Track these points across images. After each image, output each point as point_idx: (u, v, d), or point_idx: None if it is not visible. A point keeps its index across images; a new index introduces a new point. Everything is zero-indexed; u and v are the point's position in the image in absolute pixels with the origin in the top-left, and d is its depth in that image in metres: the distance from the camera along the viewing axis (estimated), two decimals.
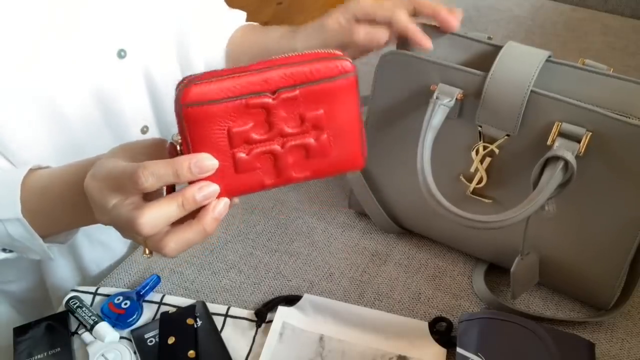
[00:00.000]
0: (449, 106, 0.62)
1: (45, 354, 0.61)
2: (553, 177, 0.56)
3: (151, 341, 0.62)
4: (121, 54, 0.69)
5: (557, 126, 0.58)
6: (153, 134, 0.76)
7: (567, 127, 0.58)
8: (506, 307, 0.65)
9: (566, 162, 0.56)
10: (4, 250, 0.61)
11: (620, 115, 0.57)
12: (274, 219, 0.78)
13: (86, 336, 0.62)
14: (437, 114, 0.62)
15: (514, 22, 0.68)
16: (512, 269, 0.64)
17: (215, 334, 0.63)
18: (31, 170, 0.58)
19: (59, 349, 0.61)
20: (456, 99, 0.62)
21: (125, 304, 0.65)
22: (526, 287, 0.66)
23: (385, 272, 0.71)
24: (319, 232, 0.76)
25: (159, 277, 0.69)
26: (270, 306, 0.66)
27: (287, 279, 0.70)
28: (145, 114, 0.74)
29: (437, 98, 0.62)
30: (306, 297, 0.66)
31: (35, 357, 0.61)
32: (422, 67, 0.64)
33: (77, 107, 0.67)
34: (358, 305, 0.66)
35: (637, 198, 0.58)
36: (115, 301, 0.65)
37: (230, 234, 0.76)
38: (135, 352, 0.61)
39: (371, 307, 0.67)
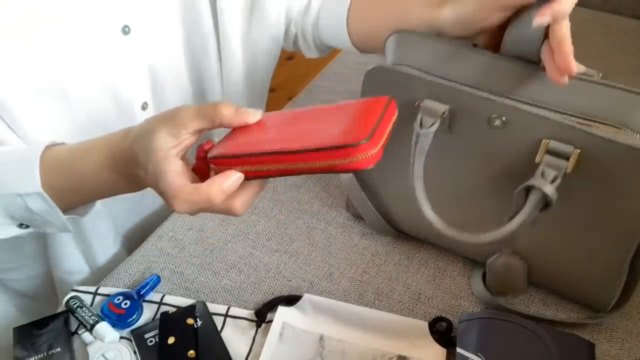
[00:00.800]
0: (433, 131, 0.60)
1: (45, 354, 0.61)
2: (531, 209, 0.56)
3: (151, 341, 0.62)
4: (125, 30, 0.69)
5: (545, 144, 0.57)
6: (151, 109, 0.76)
7: (555, 144, 0.57)
8: (505, 308, 0.65)
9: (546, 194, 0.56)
10: (21, 225, 0.61)
11: (613, 125, 0.56)
12: (274, 219, 0.78)
13: (86, 336, 0.62)
14: (423, 141, 0.61)
15: None
16: (488, 261, 0.65)
17: (215, 334, 0.63)
18: (47, 147, 0.58)
19: (59, 349, 0.61)
20: (441, 116, 0.60)
21: (125, 304, 0.65)
22: (509, 289, 0.66)
23: (385, 272, 0.71)
24: (319, 232, 0.76)
25: (159, 277, 0.69)
26: (270, 306, 0.66)
27: (287, 279, 0.70)
28: (145, 90, 0.74)
29: (420, 126, 0.61)
30: (306, 297, 0.66)
31: (35, 357, 0.61)
32: (408, 83, 0.63)
33: (81, 82, 0.67)
34: (358, 305, 0.66)
35: (630, 211, 0.58)
36: (115, 301, 0.65)
37: (230, 234, 0.76)
38: (135, 352, 0.61)
39: (371, 307, 0.67)
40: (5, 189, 0.57)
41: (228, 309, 0.66)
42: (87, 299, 0.66)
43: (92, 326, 0.62)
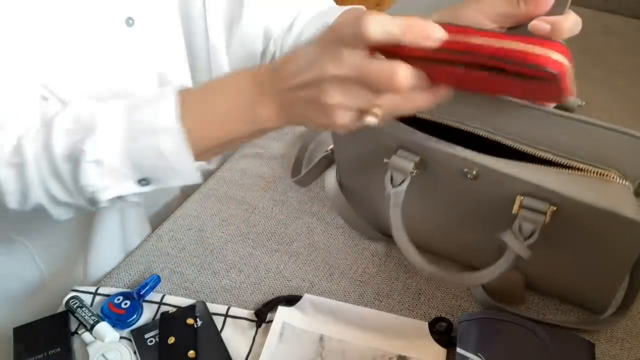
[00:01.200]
0: (404, 188, 0.60)
1: (45, 354, 0.61)
2: (508, 262, 0.57)
3: (151, 341, 0.62)
4: (129, 22, 0.69)
5: (520, 201, 0.56)
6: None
7: (529, 201, 0.56)
8: (505, 310, 0.65)
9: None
10: (141, 181, 0.58)
11: (601, 167, 0.54)
12: (274, 219, 0.78)
13: (86, 336, 0.62)
14: (396, 198, 0.60)
15: None
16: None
17: (215, 334, 0.63)
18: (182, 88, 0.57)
19: (59, 349, 0.61)
20: (410, 172, 0.60)
21: (125, 304, 0.65)
22: (508, 300, 0.66)
23: (385, 272, 0.71)
24: (319, 232, 0.76)
25: (159, 277, 0.69)
26: (270, 306, 0.66)
27: (287, 279, 0.70)
28: (153, 83, 0.74)
29: (391, 182, 0.60)
30: (306, 297, 0.66)
31: (35, 357, 0.61)
32: (377, 135, 0.61)
33: (86, 75, 0.66)
34: (358, 305, 0.66)
35: (611, 253, 0.57)
36: (115, 301, 0.65)
37: (230, 234, 0.76)
38: (135, 352, 0.61)
39: (371, 307, 0.67)
40: (140, 125, 0.55)
41: (228, 309, 0.66)
42: (87, 299, 0.66)
43: (92, 326, 0.62)
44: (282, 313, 0.64)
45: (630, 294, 0.65)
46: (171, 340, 0.61)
